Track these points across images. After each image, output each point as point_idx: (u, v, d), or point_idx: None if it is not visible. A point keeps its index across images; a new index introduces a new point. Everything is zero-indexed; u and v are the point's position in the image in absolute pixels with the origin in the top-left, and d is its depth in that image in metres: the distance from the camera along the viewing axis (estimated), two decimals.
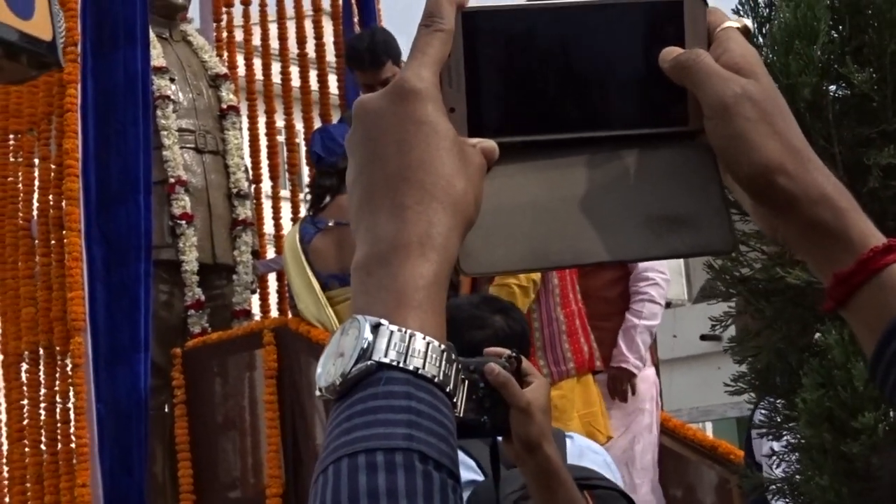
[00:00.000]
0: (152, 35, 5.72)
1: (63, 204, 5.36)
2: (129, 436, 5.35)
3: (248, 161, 6.12)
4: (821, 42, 2.49)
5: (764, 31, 2.56)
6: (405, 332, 0.78)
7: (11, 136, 5.59)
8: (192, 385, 5.49)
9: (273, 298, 6.31)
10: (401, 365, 0.77)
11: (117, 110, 5.50)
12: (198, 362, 5.53)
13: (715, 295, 2.58)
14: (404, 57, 5.39)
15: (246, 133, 6.27)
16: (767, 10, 2.60)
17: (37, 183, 5.54)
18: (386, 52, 5.41)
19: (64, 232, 5.35)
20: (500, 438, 1.58)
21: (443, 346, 0.79)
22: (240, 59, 6.43)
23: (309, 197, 5.34)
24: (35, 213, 5.53)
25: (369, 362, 0.77)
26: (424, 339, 0.78)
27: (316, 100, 6.30)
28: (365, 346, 0.77)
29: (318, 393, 0.79)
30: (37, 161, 5.54)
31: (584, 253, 0.91)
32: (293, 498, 5.09)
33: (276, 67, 6.38)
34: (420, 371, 0.78)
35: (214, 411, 5.58)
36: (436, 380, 0.78)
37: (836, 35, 2.53)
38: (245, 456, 5.54)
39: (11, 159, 5.62)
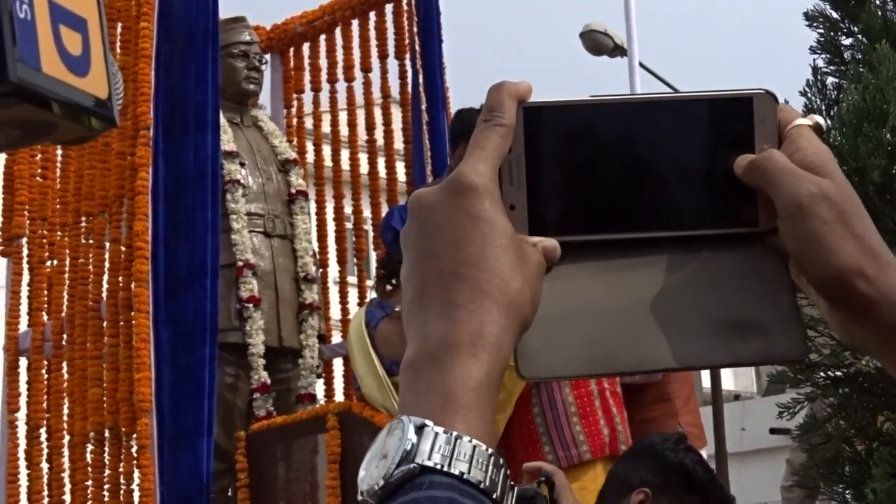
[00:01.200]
0: (223, 120, 5.79)
1: (132, 286, 5.39)
2: None
3: (315, 246, 6.14)
4: (890, 124, 2.45)
5: (832, 113, 2.53)
6: (451, 435, 0.76)
7: (83, 218, 5.65)
8: (255, 469, 5.47)
9: (338, 383, 6.29)
10: (445, 469, 0.75)
11: (187, 194, 5.54)
12: (261, 446, 5.51)
13: (783, 381, 2.52)
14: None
15: (314, 218, 6.31)
16: (836, 93, 2.57)
17: (107, 264, 5.56)
18: (464, 135, 5.48)
19: (132, 313, 5.37)
20: None
21: (490, 451, 0.77)
22: (309, 146, 6.48)
23: (376, 281, 5.32)
24: (104, 294, 5.54)
25: (412, 465, 0.75)
26: (471, 441, 0.76)
27: (384, 186, 6.32)
28: (409, 447, 0.76)
29: (359, 497, 0.77)
30: (107, 243, 5.57)
31: (648, 360, 0.89)
32: None
33: (344, 154, 6.42)
34: (465, 476, 0.75)
35: (277, 496, 5.55)
36: (482, 485, 0.76)
37: None
38: None
39: (83, 241, 5.66)
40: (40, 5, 1.20)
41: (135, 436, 5.32)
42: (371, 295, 5.39)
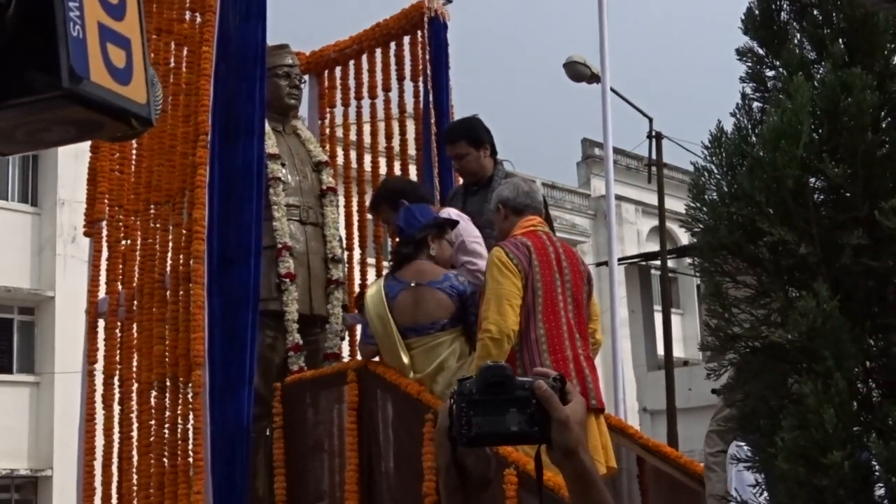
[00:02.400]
0: (268, 128, 5.83)
1: (191, 262, 5.42)
2: (233, 455, 5.38)
3: (342, 232, 6.16)
4: (803, 142, 2.46)
5: (756, 131, 2.55)
6: None
7: (152, 207, 5.67)
8: (289, 414, 5.52)
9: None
10: None
11: (236, 188, 5.58)
12: (294, 395, 5.55)
13: (710, 349, 2.54)
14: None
15: (342, 210, 6.33)
16: (760, 115, 2.60)
17: (170, 244, 5.59)
18: (459, 133, 5.50)
19: (190, 285, 5.40)
20: (544, 446, 1.62)
21: None
22: (339, 151, 6.50)
23: (391, 261, 5.32)
24: (168, 269, 5.57)
25: None
26: None
27: None
28: None
29: None
30: (171, 227, 5.59)
31: None
32: None
33: (367, 158, 6.45)
34: None
35: (307, 436, 5.59)
36: None
37: (816, 136, 2.50)
38: (330, 473, 5.53)
39: (151, 225, 5.69)
40: (91, 26, 1.22)
41: (190, 385, 5.35)
42: (386, 272, 5.39)
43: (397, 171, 6.36)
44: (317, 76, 6.62)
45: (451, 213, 5.32)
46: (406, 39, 6.28)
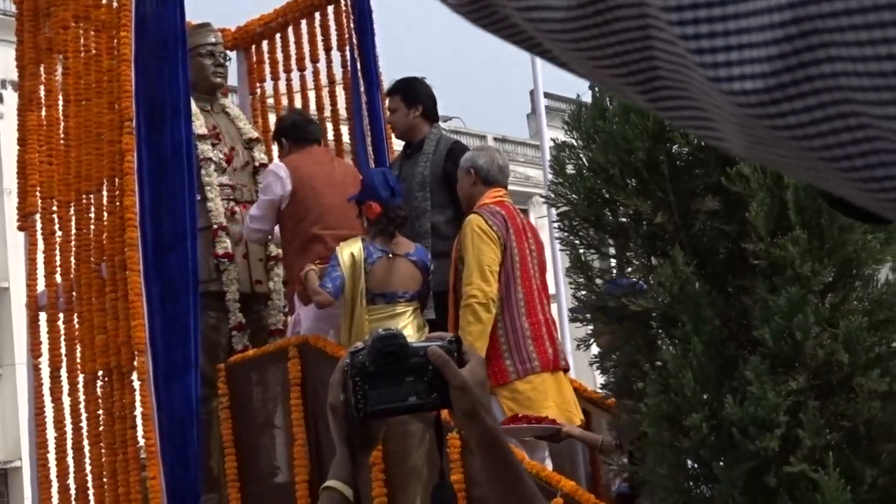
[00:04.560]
0: (196, 108, 5.88)
1: (125, 250, 5.50)
2: (184, 438, 5.48)
3: None
4: (652, 114, 2.55)
5: (612, 104, 2.63)
6: None
7: (83, 196, 5.74)
8: (234, 393, 5.64)
9: None
10: None
11: (167, 172, 5.64)
12: (239, 374, 5.67)
13: (577, 320, 2.65)
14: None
15: None
16: None
17: (105, 234, 5.66)
18: (395, 88, 5.78)
19: (127, 273, 5.48)
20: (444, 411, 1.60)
21: None
22: (271, 125, 6.56)
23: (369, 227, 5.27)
24: (104, 258, 5.65)
25: None
26: None
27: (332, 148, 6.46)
28: None
29: None
30: (104, 216, 5.67)
31: None
32: (317, 482, 5.20)
33: None
34: None
35: (254, 414, 5.72)
36: None
37: None
38: (278, 450, 5.67)
39: (84, 215, 5.76)
40: None
41: (134, 372, 5.45)
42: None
43: (330, 138, 6.43)
44: (244, 51, 6.67)
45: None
46: (330, 9, 6.34)
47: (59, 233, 5.87)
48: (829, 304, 2.45)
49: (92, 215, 5.76)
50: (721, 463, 2.35)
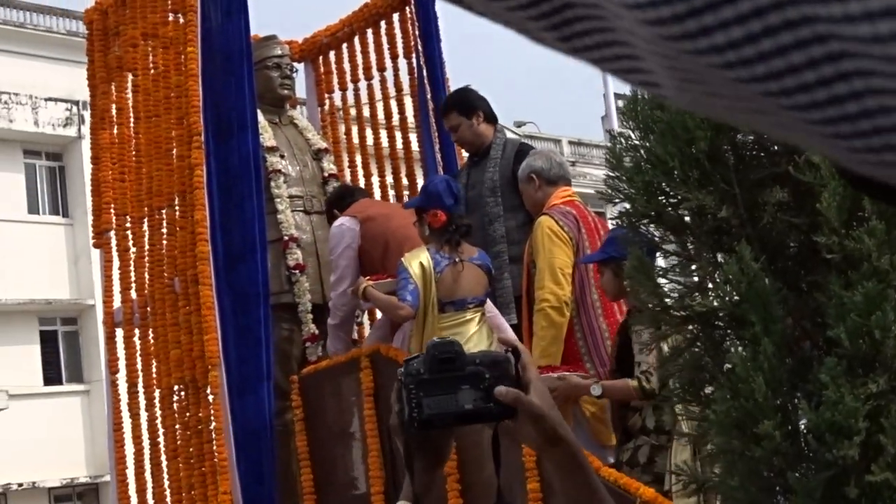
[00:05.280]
0: (264, 121, 5.84)
1: (197, 264, 5.46)
2: (259, 451, 5.44)
3: None
4: None
5: None
6: None
7: (156, 211, 5.73)
8: (308, 404, 5.56)
9: None
10: None
11: (235, 185, 5.61)
12: (312, 385, 5.59)
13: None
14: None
15: None
16: None
17: (177, 248, 5.64)
18: (448, 105, 5.60)
19: (199, 286, 5.44)
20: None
21: None
22: (342, 135, 6.49)
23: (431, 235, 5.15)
24: (177, 272, 5.62)
25: None
26: None
27: (401, 157, 6.36)
28: None
29: None
30: (176, 230, 5.64)
31: None
32: (392, 492, 5.09)
33: (369, 139, 6.42)
34: None
35: (329, 425, 5.63)
36: None
37: None
38: (354, 461, 5.57)
39: (157, 231, 5.75)
40: None
41: (208, 386, 5.41)
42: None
43: (399, 149, 6.32)
44: (311, 63, 6.60)
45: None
46: (395, 16, 6.24)
47: (132, 249, 5.86)
48: None
49: (164, 230, 5.75)
50: (797, 473, 2.16)
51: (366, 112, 6.45)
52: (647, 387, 4.08)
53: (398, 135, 6.48)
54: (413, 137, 6.39)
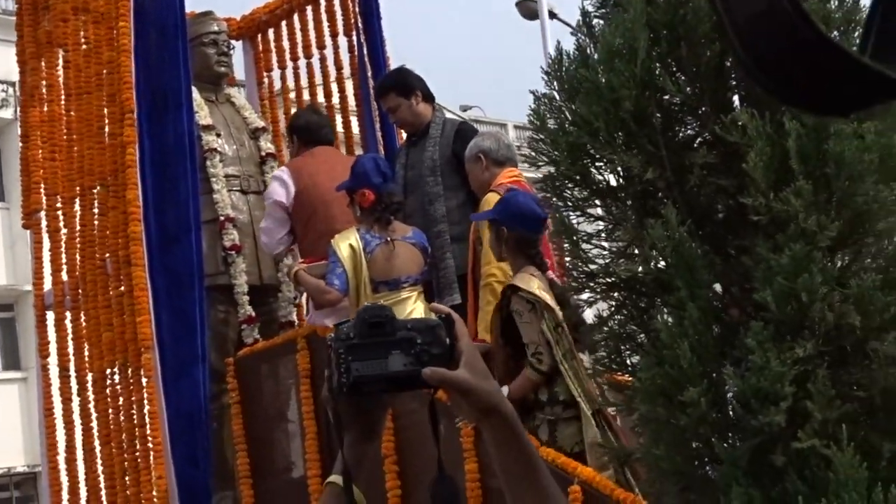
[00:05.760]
0: (200, 98, 5.69)
1: (129, 245, 5.31)
2: (193, 434, 5.30)
3: None
4: (640, 59, 2.28)
5: (594, 51, 2.36)
6: None
7: (88, 191, 5.56)
8: (244, 387, 5.44)
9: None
10: None
11: (170, 164, 5.45)
12: (248, 368, 5.46)
13: (569, 290, 2.38)
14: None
15: None
16: (601, 33, 2.41)
17: (109, 229, 5.48)
18: (386, 85, 5.43)
19: (131, 268, 5.29)
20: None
21: None
22: (280, 114, 6.35)
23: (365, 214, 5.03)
24: (108, 253, 5.46)
25: None
26: None
27: (342, 139, 6.22)
28: None
29: None
30: (108, 210, 5.48)
31: None
32: (329, 475, 4.97)
33: None
34: None
35: (266, 408, 5.51)
36: None
37: (655, 52, 2.31)
38: (291, 444, 5.45)
39: (88, 211, 5.58)
40: None
41: (141, 369, 5.26)
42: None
43: (339, 129, 6.19)
44: (250, 41, 6.44)
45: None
46: None
47: (63, 230, 5.69)
48: (837, 263, 2.16)
49: (96, 210, 5.58)
50: (723, 442, 2.07)
51: (305, 95, 6.31)
52: (542, 368, 4.10)
53: (338, 116, 6.35)
54: (353, 119, 6.27)
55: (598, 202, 2.29)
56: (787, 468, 2.09)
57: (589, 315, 2.48)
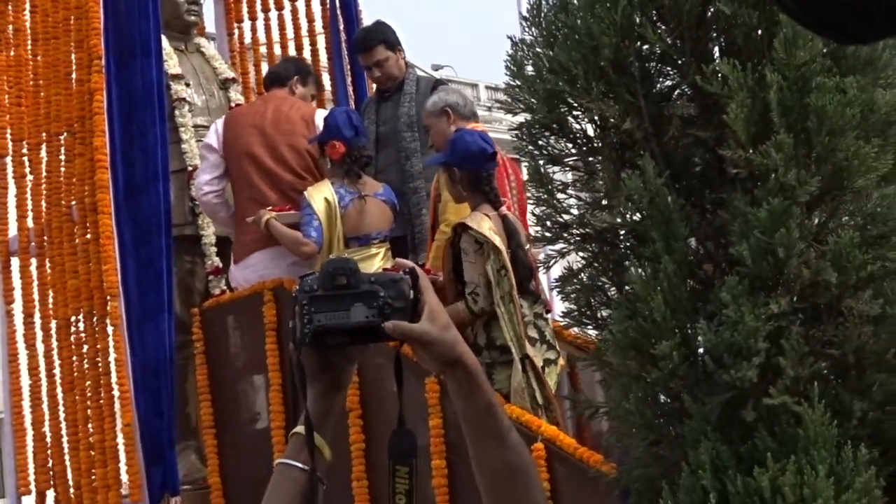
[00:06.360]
0: (170, 47, 5.55)
1: (96, 192, 5.18)
2: (158, 384, 5.20)
3: None
4: (621, 6, 2.19)
5: None
6: None
7: (54, 137, 5.42)
8: (210, 338, 5.33)
9: None
10: None
11: (138, 112, 5.32)
12: (214, 319, 5.36)
13: (539, 240, 2.30)
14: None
15: None
16: None
17: (75, 176, 5.34)
18: (375, 39, 5.28)
19: (98, 215, 5.17)
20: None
21: None
22: (250, 66, 6.21)
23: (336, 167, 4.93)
24: (74, 200, 5.33)
25: None
26: None
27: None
28: None
29: None
30: (75, 157, 5.34)
31: None
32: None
33: None
34: None
35: (230, 359, 5.42)
36: None
37: None
38: (255, 395, 5.36)
39: (55, 157, 5.44)
40: None
41: (107, 317, 5.15)
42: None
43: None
44: None
45: None
46: None
47: (29, 175, 5.54)
48: (815, 219, 2.08)
49: (63, 157, 5.44)
50: (694, 397, 2.00)
51: (277, 49, 6.17)
52: (475, 308, 4.08)
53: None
54: (325, 76, 6.14)
55: (574, 152, 2.21)
56: (756, 424, 2.03)
57: (559, 268, 2.40)
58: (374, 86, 5.59)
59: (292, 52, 6.09)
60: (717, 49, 2.17)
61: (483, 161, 4.32)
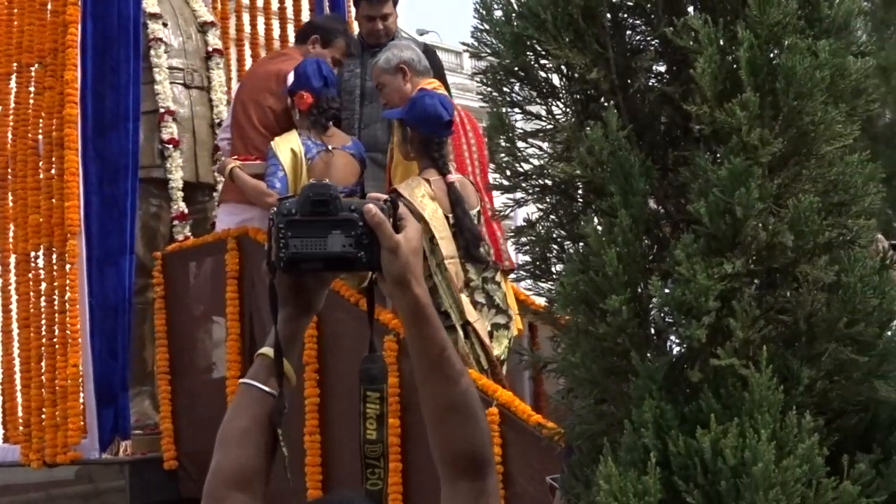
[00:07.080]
0: None
1: (64, 127, 5.11)
2: (115, 326, 5.16)
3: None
4: None
5: None
6: None
7: (24, 68, 5.34)
8: (171, 284, 5.28)
9: None
10: None
11: (112, 49, 5.26)
12: (176, 264, 5.32)
13: (497, 188, 2.26)
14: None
15: (235, 73, 6.01)
16: None
17: (43, 109, 5.26)
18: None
19: (64, 151, 5.10)
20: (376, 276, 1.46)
21: None
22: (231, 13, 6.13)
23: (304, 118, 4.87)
24: (41, 134, 5.26)
25: None
26: None
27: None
28: None
29: None
30: (44, 90, 5.26)
31: None
32: None
33: (260, 20, 6.07)
34: None
35: (190, 306, 5.37)
36: None
37: None
38: (212, 344, 5.31)
39: (24, 89, 5.36)
40: None
41: (66, 255, 5.09)
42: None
43: (290, 34, 5.99)
44: None
45: None
46: None
47: None
48: (777, 181, 2.06)
49: (32, 89, 5.36)
50: (641, 355, 1.98)
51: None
52: None
53: (290, 27, 6.15)
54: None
55: (538, 100, 2.17)
56: (702, 385, 2.01)
57: (518, 218, 2.37)
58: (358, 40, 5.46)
59: (274, 2, 6.01)
60: (691, 7, 2.13)
61: (437, 126, 4.29)
